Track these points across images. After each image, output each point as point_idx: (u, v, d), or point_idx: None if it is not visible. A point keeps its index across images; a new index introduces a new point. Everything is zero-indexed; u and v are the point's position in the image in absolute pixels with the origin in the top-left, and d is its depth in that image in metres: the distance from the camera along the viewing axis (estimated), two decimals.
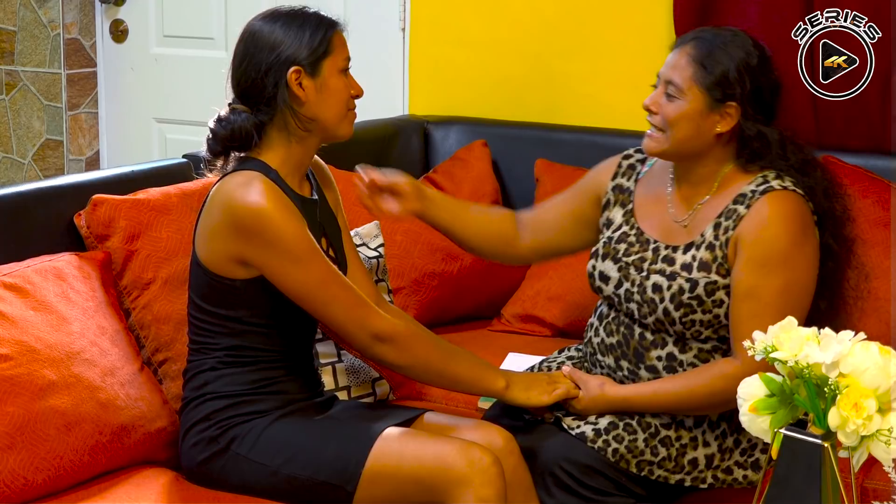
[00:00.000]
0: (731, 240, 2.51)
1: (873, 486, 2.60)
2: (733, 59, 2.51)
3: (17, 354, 2.40)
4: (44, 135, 4.63)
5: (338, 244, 2.61)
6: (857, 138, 3.41)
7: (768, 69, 2.55)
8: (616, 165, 2.74)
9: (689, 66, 2.52)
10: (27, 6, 4.56)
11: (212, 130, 2.49)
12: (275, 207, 2.39)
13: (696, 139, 2.53)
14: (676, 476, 2.54)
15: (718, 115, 2.52)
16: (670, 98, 2.53)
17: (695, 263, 2.53)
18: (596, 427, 2.54)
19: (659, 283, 2.54)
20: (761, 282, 2.46)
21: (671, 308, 2.52)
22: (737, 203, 2.52)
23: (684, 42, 2.56)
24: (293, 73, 2.44)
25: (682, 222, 2.60)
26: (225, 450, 2.46)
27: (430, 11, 4.05)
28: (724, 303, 2.51)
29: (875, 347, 1.88)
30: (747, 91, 2.50)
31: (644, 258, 2.59)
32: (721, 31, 2.57)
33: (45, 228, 2.74)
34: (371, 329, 2.45)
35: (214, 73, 4.35)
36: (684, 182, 2.61)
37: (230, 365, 2.48)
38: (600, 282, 2.65)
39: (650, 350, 2.57)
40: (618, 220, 2.68)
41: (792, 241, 2.48)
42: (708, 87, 2.50)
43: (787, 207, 2.49)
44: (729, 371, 2.46)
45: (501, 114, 3.89)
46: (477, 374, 2.55)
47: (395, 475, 2.37)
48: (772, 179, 2.52)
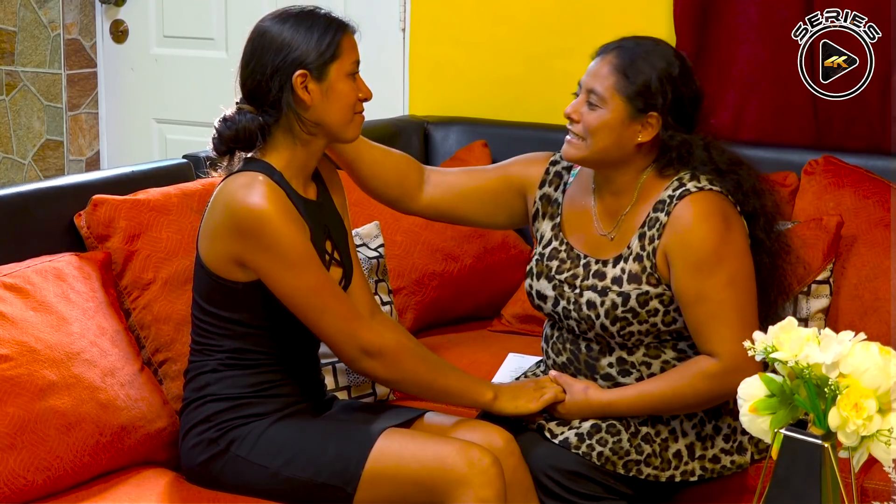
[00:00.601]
0: (659, 251, 2.52)
1: (873, 486, 2.60)
2: (655, 68, 2.51)
3: (18, 355, 2.40)
4: (44, 135, 4.63)
5: (343, 247, 2.60)
6: (857, 138, 3.41)
7: (689, 79, 2.56)
8: (544, 172, 2.73)
9: (612, 75, 2.52)
10: (27, 6, 4.56)
11: (217, 130, 2.49)
12: (275, 210, 2.38)
13: (617, 148, 2.54)
14: (666, 473, 2.54)
15: (640, 125, 2.52)
16: (592, 107, 2.53)
17: (624, 276, 2.54)
18: (579, 432, 2.54)
19: (592, 299, 2.55)
20: (704, 284, 2.48)
21: (607, 323, 2.54)
22: (657, 210, 2.53)
23: (606, 51, 2.57)
24: (299, 77, 2.42)
25: (608, 235, 2.61)
26: (225, 451, 2.46)
27: (430, 12, 4.05)
28: (659, 311, 2.53)
29: (875, 348, 1.88)
30: (668, 101, 2.51)
31: (576, 274, 2.61)
32: (643, 41, 2.57)
33: (46, 229, 2.74)
34: (360, 343, 2.44)
35: (215, 73, 4.37)
36: (606, 193, 2.62)
37: (232, 367, 2.48)
38: (539, 300, 2.67)
39: (599, 359, 2.59)
40: (547, 235, 2.69)
41: (719, 236, 2.49)
42: (629, 97, 2.50)
43: (705, 207, 2.50)
44: (710, 370, 2.48)
45: (502, 114, 3.89)
46: (465, 387, 2.55)
47: (394, 476, 2.37)
48: (687, 182, 2.53)
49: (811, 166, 3.21)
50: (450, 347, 3.23)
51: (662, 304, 2.53)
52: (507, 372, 3.06)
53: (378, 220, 3.21)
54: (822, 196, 3.12)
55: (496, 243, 3.54)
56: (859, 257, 3.03)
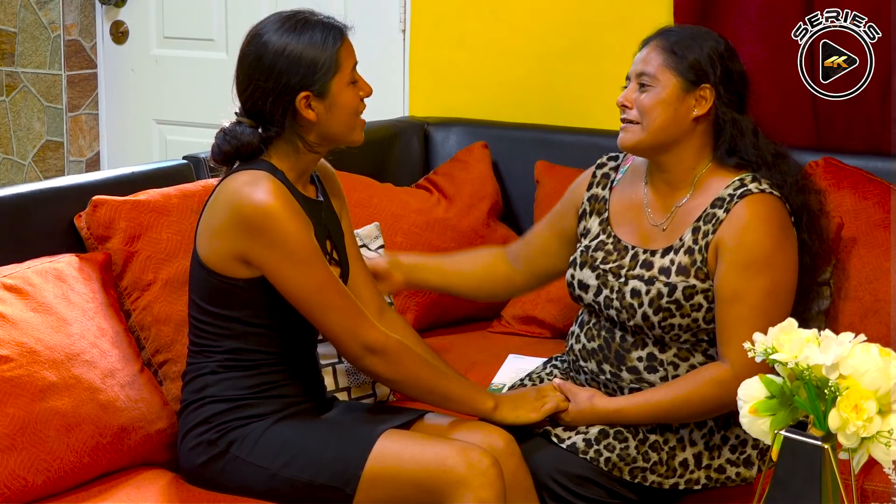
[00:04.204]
0: (711, 245, 2.51)
1: (873, 487, 2.60)
2: (703, 46, 2.54)
3: (18, 356, 2.40)
4: (44, 136, 4.63)
5: (341, 248, 2.60)
6: (857, 140, 3.41)
7: (736, 57, 2.59)
8: (591, 175, 2.74)
9: (660, 55, 2.54)
10: (27, 7, 4.56)
11: (217, 143, 2.47)
12: (282, 206, 2.38)
13: (673, 126, 2.53)
14: (670, 480, 2.54)
15: (693, 100, 2.53)
16: (644, 88, 2.54)
17: (673, 268, 2.54)
18: (587, 437, 2.54)
19: (637, 288, 2.54)
20: (746, 285, 2.46)
21: (650, 312, 2.52)
22: (715, 207, 2.52)
23: (650, 40, 2.59)
24: (302, 100, 2.42)
25: (660, 226, 2.60)
26: (224, 452, 2.46)
27: (430, 13, 4.05)
28: (703, 307, 2.52)
29: (875, 349, 1.88)
30: (719, 74, 2.53)
31: (622, 265, 2.60)
32: (685, 26, 2.64)
33: (46, 230, 2.74)
34: (363, 340, 2.44)
35: (215, 74, 4.37)
36: (660, 183, 2.61)
37: (231, 369, 2.48)
38: (580, 290, 2.65)
39: (631, 352, 2.58)
40: (594, 230, 2.68)
41: (773, 243, 2.49)
42: (681, 72, 2.52)
43: (765, 210, 2.50)
44: (720, 376, 2.47)
45: (502, 115, 3.89)
46: (466, 394, 2.55)
47: (394, 477, 2.37)
48: (749, 183, 2.53)
49: (811, 168, 3.21)
50: (450, 348, 3.23)
51: (707, 301, 2.51)
52: (507, 373, 3.06)
53: (378, 221, 3.22)
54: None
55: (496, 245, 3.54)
56: (859, 259, 3.02)
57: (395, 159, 3.71)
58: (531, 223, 3.60)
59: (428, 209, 3.50)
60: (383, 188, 3.49)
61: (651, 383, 2.56)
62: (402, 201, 3.49)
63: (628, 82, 2.58)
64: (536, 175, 3.63)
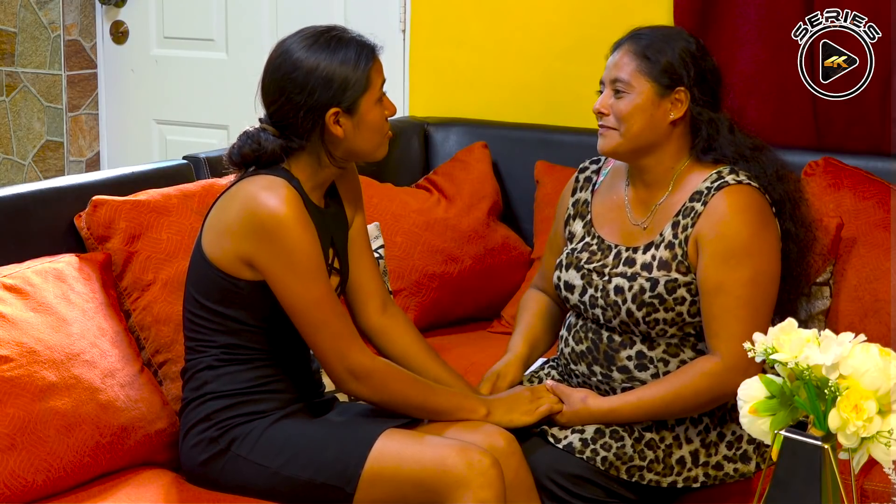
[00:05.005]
0: (691, 238, 2.52)
1: (873, 487, 2.60)
2: (675, 48, 2.55)
3: (18, 356, 2.40)
4: (44, 136, 4.63)
5: (343, 255, 2.60)
6: (857, 140, 3.41)
7: (707, 55, 2.59)
8: (574, 181, 2.76)
9: (633, 60, 2.55)
10: (27, 7, 4.57)
11: (237, 145, 2.48)
12: (294, 217, 2.38)
13: (650, 130, 2.55)
14: (668, 479, 2.54)
15: (669, 103, 2.55)
16: (619, 95, 2.55)
17: (654, 263, 2.55)
18: (583, 437, 2.54)
19: (620, 284, 2.56)
20: (728, 276, 2.48)
21: (633, 308, 2.53)
22: (693, 200, 2.54)
23: (621, 43, 2.60)
24: (331, 116, 2.42)
25: (641, 224, 2.61)
26: (225, 450, 2.46)
27: (430, 13, 4.05)
28: (686, 300, 2.53)
29: (875, 349, 1.88)
30: (693, 75, 2.54)
31: (605, 264, 2.61)
32: (654, 27, 2.62)
33: (46, 230, 2.74)
34: (349, 363, 2.44)
35: (215, 74, 4.37)
36: (640, 184, 2.63)
37: (227, 363, 2.48)
38: (566, 292, 2.66)
39: (619, 351, 2.59)
40: (579, 232, 2.70)
41: (752, 231, 2.50)
42: (655, 77, 2.53)
43: (743, 201, 2.51)
44: (711, 369, 2.48)
45: (502, 115, 3.89)
46: (457, 405, 2.54)
47: (394, 477, 2.37)
48: (726, 175, 2.54)
49: (811, 168, 3.21)
50: (450, 348, 3.23)
51: (689, 294, 2.53)
52: None
53: (378, 221, 3.21)
54: (821, 198, 3.11)
55: (496, 245, 3.54)
56: (859, 259, 3.03)
57: (395, 159, 3.70)
58: (531, 223, 3.61)
59: (428, 209, 3.50)
60: (383, 188, 3.50)
61: (643, 381, 2.57)
62: (402, 201, 3.49)
63: (602, 87, 2.59)
64: (536, 175, 3.63)
